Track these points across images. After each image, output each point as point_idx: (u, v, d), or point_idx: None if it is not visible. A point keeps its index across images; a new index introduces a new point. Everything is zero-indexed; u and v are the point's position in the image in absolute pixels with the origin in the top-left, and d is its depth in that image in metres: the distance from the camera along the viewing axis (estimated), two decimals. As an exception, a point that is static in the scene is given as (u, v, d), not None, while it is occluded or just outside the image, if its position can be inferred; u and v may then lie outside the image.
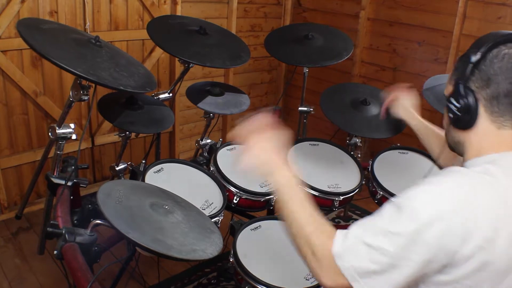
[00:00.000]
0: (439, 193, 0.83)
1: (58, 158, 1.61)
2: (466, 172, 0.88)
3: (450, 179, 0.86)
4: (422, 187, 0.86)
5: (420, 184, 0.87)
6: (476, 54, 0.91)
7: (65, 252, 1.17)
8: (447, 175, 0.88)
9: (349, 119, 2.03)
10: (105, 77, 1.37)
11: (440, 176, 0.88)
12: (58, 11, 2.42)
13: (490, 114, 0.92)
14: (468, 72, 0.92)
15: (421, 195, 0.84)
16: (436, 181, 0.86)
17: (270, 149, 1.02)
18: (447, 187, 0.84)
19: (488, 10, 2.63)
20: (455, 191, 0.83)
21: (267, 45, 2.25)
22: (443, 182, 0.86)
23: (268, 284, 1.32)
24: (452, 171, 0.89)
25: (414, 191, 0.86)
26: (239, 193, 1.72)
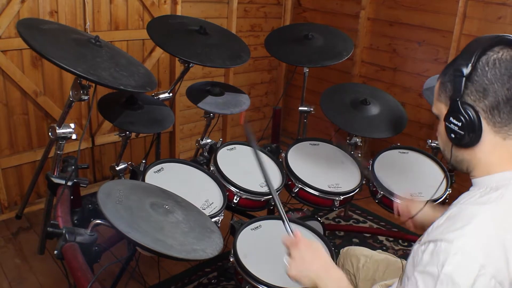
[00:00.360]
0: (470, 248, 0.79)
1: (58, 158, 1.61)
2: (484, 211, 0.83)
3: (474, 226, 0.81)
4: (448, 245, 0.80)
5: (443, 236, 0.81)
6: (467, 66, 0.87)
7: (65, 252, 1.17)
8: (469, 221, 0.82)
9: (349, 119, 2.04)
10: (105, 77, 1.38)
11: (462, 224, 0.82)
12: (58, 11, 2.42)
13: (492, 125, 0.88)
14: (462, 86, 0.88)
15: (452, 257, 0.79)
16: (460, 232, 0.80)
17: (314, 256, 1.06)
18: (475, 238, 0.79)
19: (488, 10, 2.63)
20: (484, 239, 0.79)
21: (267, 45, 2.25)
22: (469, 233, 0.80)
23: (268, 283, 1.33)
24: (470, 215, 0.83)
25: (443, 252, 0.80)
26: (239, 193, 1.72)
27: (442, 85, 0.95)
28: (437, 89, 0.97)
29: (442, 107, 0.95)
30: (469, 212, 0.84)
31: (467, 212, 0.84)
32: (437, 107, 0.97)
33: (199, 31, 1.95)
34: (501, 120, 0.87)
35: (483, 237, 0.80)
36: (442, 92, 0.95)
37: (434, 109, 0.99)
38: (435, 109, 0.99)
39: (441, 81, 0.96)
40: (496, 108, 0.86)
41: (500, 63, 0.85)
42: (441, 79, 0.96)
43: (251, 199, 1.74)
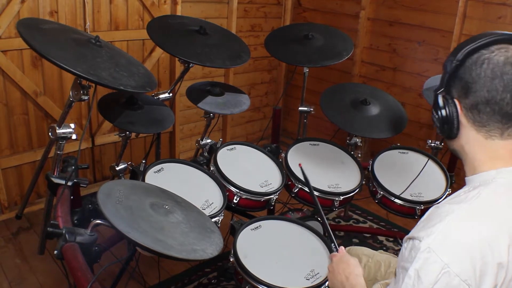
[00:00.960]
0: (436, 246, 0.80)
1: (58, 158, 1.61)
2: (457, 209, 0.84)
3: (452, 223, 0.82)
4: (419, 242, 0.82)
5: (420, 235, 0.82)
6: (451, 62, 0.88)
7: (65, 252, 1.17)
8: (441, 220, 0.83)
9: (349, 119, 2.04)
10: (105, 77, 1.37)
11: (439, 224, 0.83)
12: (58, 11, 2.42)
13: (473, 123, 0.89)
14: (444, 81, 0.90)
15: (420, 254, 0.81)
16: (431, 230, 0.82)
17: (341, 266, 1.21)
18: (442, 236, 0.81)
19: (488, 10, 2.63)
20: (451, 238, 0.80)
21: (267, 45, 2.25)
22: (437, 231, 0.81)
23: (268, 284, 1.33)
24: (443, 213, 0.84)
25: (415, 249, 0.82)
26: (239, 193, 1.72)
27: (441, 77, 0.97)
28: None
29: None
30: (443, 210, 0.86)
31: (442, 210, 0.86)
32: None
33: (199, 31, 1.95)
34: (480, 120, 0.87)
35: (450, 235, 0.80)
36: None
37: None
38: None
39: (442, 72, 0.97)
40: (475, 108, 0.87)
41: (489, 63, 0.84)
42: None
43: (251, 199, 1.74)
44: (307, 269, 1.43)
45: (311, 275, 1.41)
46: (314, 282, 1.38)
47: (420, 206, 1.89)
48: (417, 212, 1.90)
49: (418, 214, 1.90)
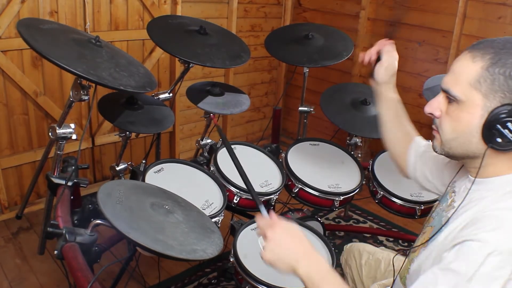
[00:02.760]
0: (506, 249, 0.78)
1: (58, 158, 1.61)
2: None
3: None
4: (483, 244, 0.79)
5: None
6: None
7: (65, 252, 1.17)
8: (501, 224, 0.81)
9: (349, 119, 2.04)
10: (105, 77, 1.37)
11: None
12: (58, 11, 2.42)
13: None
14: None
15: (488, 257, 0.78)
16: (494, 233, 0.80)
17: (293, 239, 0.95)
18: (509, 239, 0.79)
19: (488, 10, 2.63)
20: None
21: (267, 45, 2.25)
22: (503, 234, 0.79)
23: (268, 284, 1.33)
24: (500, 218, 0.82)
25: (477, 252, 0.80)
26: (239, 193, 1.72)
27: (488, 73, 0.86)
28: (477, 74, 0.86)
29: (477, 98, 0.87)
30: (496, 215, 0.83)
31: (494, 215, 0.83)
32: (466, 93, 0.88)
33: (199, 31, 1.95)
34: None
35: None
36: (486, 81, 0.86)
37: (457, 91, 0.89)
38: (460, 92, 0.89)
39: (488, 68, 0.86)
40: None
41: None
42: (486, 65, 0.86)
43: (251, 199, 1.74)
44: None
45: (311, 275, 1.41)
46: (314, 282, 1.38)
47: (420, 206, 1.89)
48: (417, 212, 1.90)
49: (418, 214, 1.90)
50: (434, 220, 1.04)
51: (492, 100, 0.85)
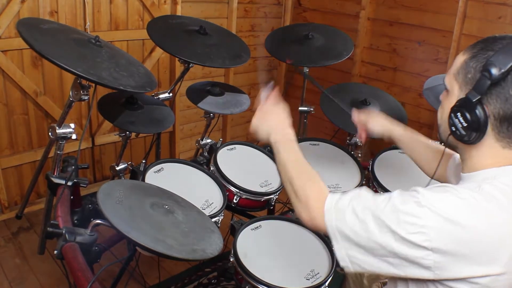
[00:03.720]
0: (446, 204, 0.82)
1: (58, 158, 1.61)
2: (461, 192, 0.85)
3: (452, 197, 0.84)
4: (434, 194, 0.84)
5: (429, 191, 0.86)
6: (499, 71, 0.82)
7: (65, 252, 1.17)
8: (447, 191, 0.85)
9: (349, 119, 2.03)
10: (105, 77, 1.37)
11: (440, 192, 0.85)
12: (58, 11, 2.42)
13: (497, 133, 0.87)
14: (485, 89, 0.84)
15: (436, 200, 0.83)
16: (440, 196, 0.84)
17: (275, 113, 1.16)
18: (451, 201, 0.82)
19: (488, 10, 2.63)
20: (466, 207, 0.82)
21: (267, 45, 2.25)
22: (446, 197, 0.84)
23: (268, 283, 1.32)
24: (448, 190, 0.86)
25: (425, 195, 0.85)
26: (239, 193, 1.72)
27: (466, 65, 0.90)
28: (460, 65, 0.91)
29: (456, 87, 0.92)
30: (449, 185, 0.88)
31: (447, 185, 0.88)
32: (451, 82, 0.94)
33: (199, 31, 1.95)
34: (507, 132, 0.86)
35: (444, 209, 0.81)
36: (462, 72, 0.90)
37: (446, 80, 0.95)
38: (447, 81, 0.95)
39: (467, 60, 0.90)
40: (507, 120, 0.85)
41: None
42: (468, 57, 0.90)
43: (251, 199, 1.74)
44: (307, 269, 1.43)
45: (311, 275, 1.41)
46: (314, 282, 1.38)
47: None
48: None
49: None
50: None
51: (463, 92, 0.89)
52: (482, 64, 0.85)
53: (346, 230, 0.89)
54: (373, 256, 0.86)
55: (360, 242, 0.87)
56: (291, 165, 1.07)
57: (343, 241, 0.89)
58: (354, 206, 0.90)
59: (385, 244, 0.84)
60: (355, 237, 0.87)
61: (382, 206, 0.86)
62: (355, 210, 0.89)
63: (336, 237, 0.90)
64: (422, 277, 0.84)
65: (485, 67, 0.84)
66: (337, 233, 0.90)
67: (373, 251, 0.86)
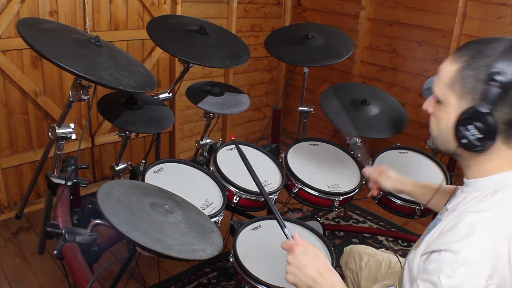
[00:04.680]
0: (476, 259, 0.79)
1: (58, 158, 1.61)
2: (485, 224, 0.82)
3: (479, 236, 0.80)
4: (454, 255, 0.80)
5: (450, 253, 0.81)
6: (506, 76, 0.80)
7: (65, 252, 1.17)
8: (472, 231, 0.81)
9: (349, 119, 2.03)
10: (105, 77, 1.37)
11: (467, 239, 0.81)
12: (58, 11, 2.42)
13: (504, 136, 0.86)
14: (496, 97, 0.82)
15: (458, 269, 0.79)
16: (464, 242, 0.80)
17: (310, 261, 1.02)
18: (479, 248, 0.79)
19: (488, 10, 2.63)
20: (488, 248, 0.79)
21: (267, 45, 2.25)
22: (472, 243, 0.80)
23: (268, 284, 1.32)
24: (472, 224, 0.82)
25: (448, 263, 0.80)
26: (239, 193, 1.72)
27: (461, 75, 0.88)
28: (452, 76, 0.89)
29: (452, 98, 0.89)
30: (470, 220, 0.83)
31: (468, 220, 0.83)
32: (444, 93, 0.91)
33: (199, 31, 1.95)
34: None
35: (487, 246, 0.79)
36: (459, 82, 0.88)
37: (437, 91, 0.93)
38: (439, 91, 0.92)
39: (462, 70, 0.88)
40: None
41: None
42: (461, 67, 0.88)
43: (250, 199, 1.74)
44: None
45: (311, 275, 1.40)
46: (314, 282, 1.38)
47: (420, 206, 1.89)
48: (416, 212, 1.90)
49: (418, 214, 1.90)
50: (431, 223, 1.04)
51: (464, 102, 0.88)
52: (485, 73, 0.83)
53: None
54: None
55: None
56: None
57: None
58: None
59: None
60: None
61: None
62: None
63: None
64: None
65: (491, 76, 0.82)
66: None
67: None
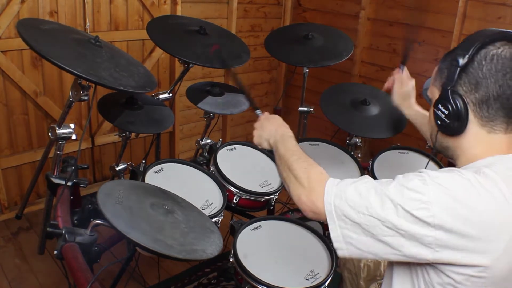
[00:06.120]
0: (450, 182, 0.82)
1: (58, 158, 1.61)
2: (465, 174, 0.85)
3: (457, 176, 0.84)
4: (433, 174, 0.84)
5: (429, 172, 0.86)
6: (463, 57, 0.87)
7: (65, 252, 1.17)
8: (452, 171, 0.86)
9: (349, 119, 2.03)
10: (105, 77, 1.37)
11: (445, 172, 0.86)
12: (58, 11, 2.42)
13: (479, 119, 0.89)
14: (456, 76, 0.89)
15: (441, 178, 0.83)
16: (445, 174, 0.85)
17: (271, 121, 1.28)
18: (455, 181, 0.83)
19: (488, 10, 2.63)
20: (465, 188, 0.82)
21: (267, 45, 2.25)
22: (451, 177, 0.84)
23: (268, 284, 1.32)
24: (454, 171, 0.86)
25: (430, 174, 0.84)
26: (239, 193, 1.72)
27: (439, 70, 0.96)
28: (434, 73, 0.98)
29: (435, 92, 0.96)
30: (452, 169, 0.89)
31: (451, 169, 0.89)
32: (431, 91, 0.99)
33: (199, 31, 1.95)
34: (488, 115, 0.88)
35: (449, 187, 0.82)
36: (437, 77, 0.96)
37: (428, 93, 1.01)
38: (429, 92, 1.00)
39: (439, 66, 0.97)
40: (485, 103, 0.87)
41: (498, 59, 0.85)
42: (439, 65, 0.97)
43: (251, 199, 1.74)
44: (307, 269, 1.43)
45: (311, 275, 1.41)
46: (314, 282, 1.38)
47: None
48: (417, 212, 1.90)
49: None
50: None
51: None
52: (450, 58, 0.91)
53: (345, 208, 0.87)
54: (370, 236, 0.85)
55: (358, 219, 0.85)
56: (290, 153, 1.09)
57: (339, 220, 0.88)
58: (358, 185, 0.89)
59: (386, 218, 0.82)
60: (353, 214, 0.86)
61: (386, 184, 0.86)
62: (358, 188, 0.88)
63: (333, 217, 0.89)
64: (419, 256, 0.82)
65: (452, 57, 0.90)
66: (333, 212, 0.89)
67: (370, 230, 0.84)
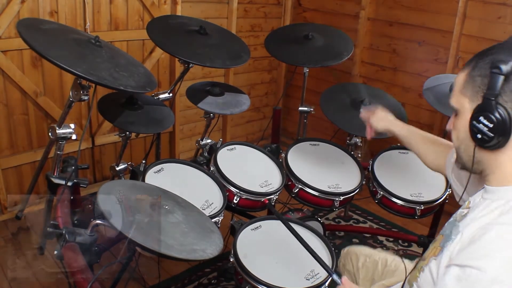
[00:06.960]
0: (504, 277, 0.75)
1: (58, 158, 1.61)
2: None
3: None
4: (481, 273, 0.76)
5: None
6: (506, 64, 0.81)
7: (65, 252, 1.17)
8: (497, 245, 0.78)
9: (349, 119, 2.04)
10: (105, 77, 1.37)
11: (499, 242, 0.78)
12: (58, 11, 2.42)
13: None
14: (499, 84, 0.81)
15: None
16: (490, 259, 0.77)
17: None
18: (506, 264, 0.76)
19: (488, 10, 2.63)
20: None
21: (267, 45, 2.25)
22: (498, 259, 0.77)
23: (268, 284, 1.33)
24: (496, 237, 0.79)
25: (475, 281, 0.77)
26: (239, 193, 1.72)
27: (470, 78, 0.89)
28: (463, 81, 0.91)
29: (465, 102, 0.90)
30: (494, 234, 0.80)
31: (492, 234, 0.81)
32: (459, 101, 0.92)
33: (199, 31, 1.95)
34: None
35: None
36: (469, 85, 0.89)
37: (453, 102, 0.94)
38: (455, 101, 0.93)
39: (470, 73, 0.89)
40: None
41: None
42: (469, 71, 0.90)
43: (251, 199, 1.74)
44: (307, 269, 1.43)
45: (311, 275, 1.41)
46: (314, 282, 1.38)
47: (420, 206, 1.89)
48: (417, 212, 1.90)
49: (418, 214, 1.90)
50: (445, 228, 1.00)
51: (476, 102, 0.88)
52: (489, 67, 0.84)
53: None
54: None
55: None
56: None
57: None
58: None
59: None
60: None
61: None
62: None
63: None
64: None
65: (493, 65, 0.82)
66: None
67: None
